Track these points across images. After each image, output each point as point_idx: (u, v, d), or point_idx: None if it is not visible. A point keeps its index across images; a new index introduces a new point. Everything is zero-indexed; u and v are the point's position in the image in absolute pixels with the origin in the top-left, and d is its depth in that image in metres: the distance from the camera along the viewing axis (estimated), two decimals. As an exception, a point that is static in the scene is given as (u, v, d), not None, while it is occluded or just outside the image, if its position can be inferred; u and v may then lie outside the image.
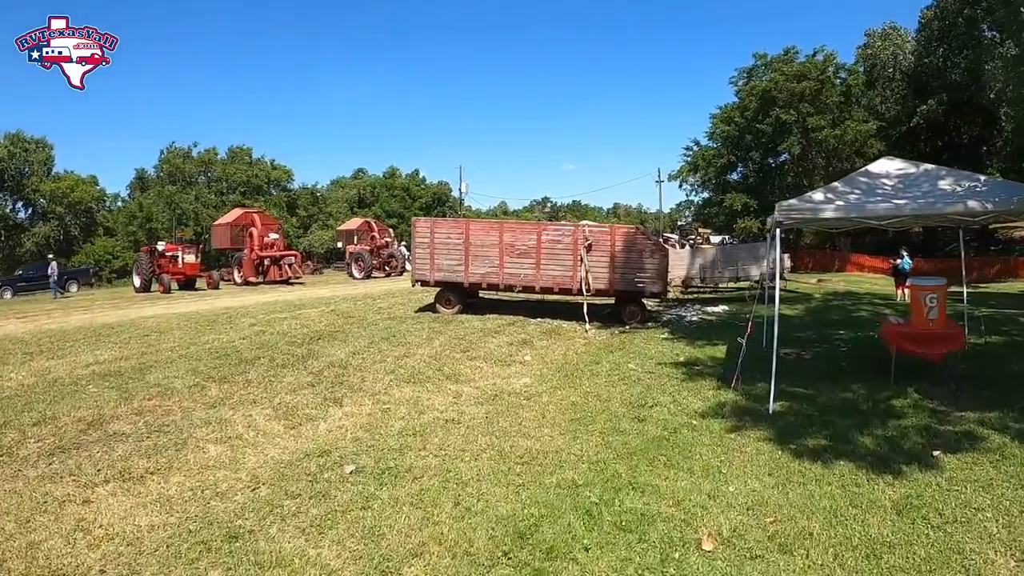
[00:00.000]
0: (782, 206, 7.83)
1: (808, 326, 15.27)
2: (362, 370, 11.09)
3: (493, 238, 16.70)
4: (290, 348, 12.78)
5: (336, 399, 9.16)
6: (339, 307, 19.52)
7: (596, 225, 16.73)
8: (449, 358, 11.90)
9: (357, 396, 9.35)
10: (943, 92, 38.69)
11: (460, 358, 11.96)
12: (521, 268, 16.53)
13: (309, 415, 8.45)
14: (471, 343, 13.28)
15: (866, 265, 41.23)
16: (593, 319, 16.31)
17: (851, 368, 10.49)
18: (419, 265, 17.61)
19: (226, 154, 72.36)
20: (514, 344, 13.34)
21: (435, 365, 11.33)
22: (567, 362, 11.58)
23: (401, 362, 11.57)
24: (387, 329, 14.88)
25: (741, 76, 45.77)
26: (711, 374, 10.04)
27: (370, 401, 9.13)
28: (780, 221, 7.84)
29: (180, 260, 31.35)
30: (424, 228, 17.47)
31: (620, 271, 15.87)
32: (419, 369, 11.03)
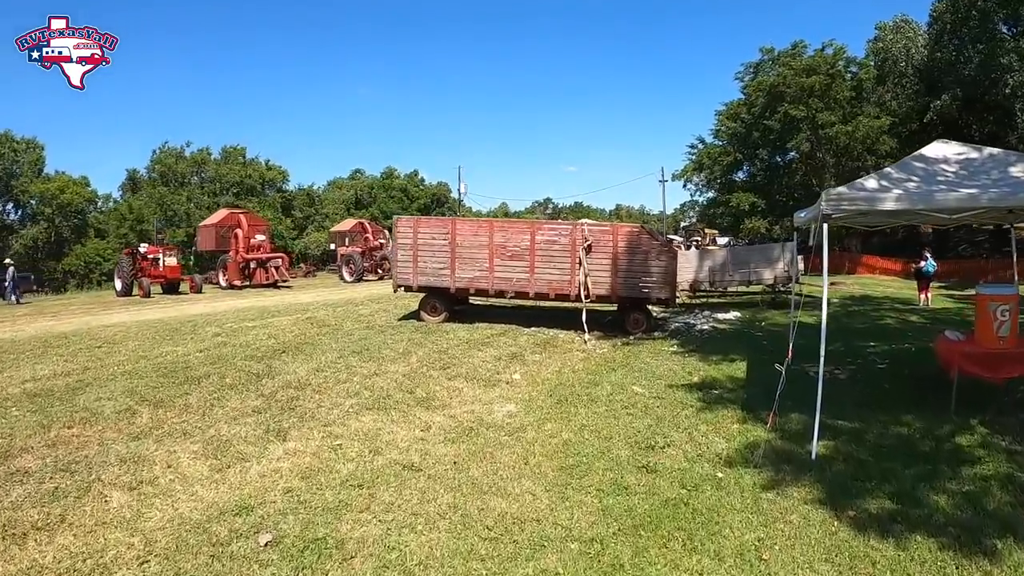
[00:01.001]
0: (830, 195, 6.20)
1: (832, 336, 13.54)
2: (321, 392, 9.58)
3: (482, 239, 15.10)
4: (247, 364, 11.27)
5: (281, 431, 7.65)
6: (316, 314, 18.02)
7: (596, 224, 15.13)
8: (425, 377, 10.34)
9: (307, 427, 7.83)
10: (957, 87, 37.09)
11: (438, 377, 10.39)
12: (513, 272, 14.93)
13: (243, 453, 6.94)
14: (453, 358, 11.71)
15: (877, 267, 39.68)
16: (593, 328, 14.71)
17: (895, 391, 8.94)
18: (401, 268, 16.02)
19: (220, 154, 71.16)
20: (502, 359, 11.75)
21: (407, 386, 9.78)
22: (562, 382, 9.95)
23: (369, 382, 10.02)
24: (362, 340, 13.36)
25: (747, 71, 44.10)
26: (732, 401, 8.39)
27: (320, 434, 7.58)
28: (828, 214, 6.21)
29: (161, 263, 29.92)
30: (406, 228, 15.88)
31: (623, 275, 14.27)
32: (387, 391, 9.49)
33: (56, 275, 63.40)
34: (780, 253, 20.17)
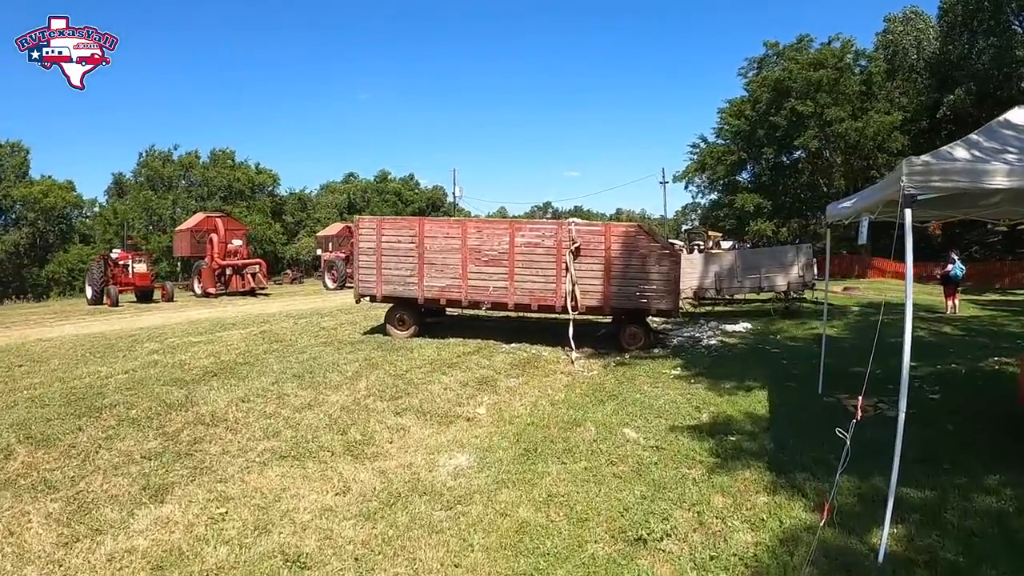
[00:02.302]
0: (914, 165, 4.14)
1: (863, 353, 11.55)
2: (235, 430, 7.74)
3: (454, 241, 13.08)
4: (166, 390, 9.43)
5: (163, 488, 5.98)
6: (274, 327, 16.11)
7: (586, 223, 13.04)
8: (367, 411, 8.42)
9: (196, 483, 6.11)
10: (971, 82, 35.19)
11: (384, 410, 8.45)
12: (490, 279, 12.91)
13: (103, 521, 5.40)
14: (410, 384, 9.74)
15: (888, 270, 37.63)
16: (583, 344, 12.73)
17: (963, 434, 6.96)
18: (363, 276, 14.01)
19: (208, 157, 69.28)
20: (469, 385, 9.76)
21: (342, 424, 7.88)
22: (535, 421, 7.89)
23: (296, 417, 8.13)
24: (311, 360, 11.42)
25: (751, 66, 42.27)
26: (755, 453, 6.31)
27: (207, 495, 5.83)
28: (912, 195, 4.18)
29: (130, 270, 28.18)
30: (369, 229, 13.86)
31: (618, 282, 12.25)
32: (315, 431, 7.61)
33: (40, 282, 61.75)
34: (794, 257, 18.12)
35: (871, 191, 5.48)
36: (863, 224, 5.86)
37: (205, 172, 67.06)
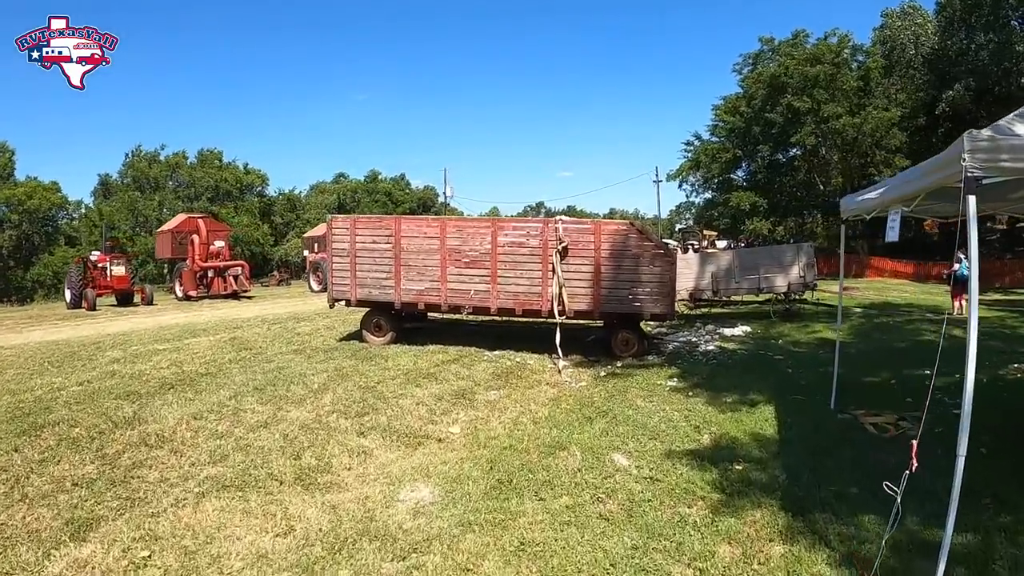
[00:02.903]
0: (978, 141, 3.28)
1: (873, 360, 10.77)
2: (180, 452, 6.91)
3: (432, 242, 12.18)
4: (116, 405, 8.60)
5: (89, 522, 5.28)
6: (245, 333, 15.18)
7: (574, 221, 12.12)
8: (330, 430, 7.56)
9: (126, 517, 5.37)
10: (969, 78, 34.45)
11: (347, 429, 7.58)
12: (471, 282, 12.01)
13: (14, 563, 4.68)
14: (380, 398, 8.87)
15: (886, 269, 36.93)
16: (572, 351, 11.87)
17: (998, 456, 6.11)
18: (337, 278, 13.12)
19: (196, 158, 68.18)
20: (444, 399, 8.87)
21: (298, 446, 7.00)
22: (513, 444, 6.99)
23: (249, 438, 7.27)
24: (276, 371, 10.51)
25: (746, 63, 41.43)
26: (766, 488, 5.40)
27: (133, 534, 5.05)
28: (976, 177, 3.31)
29: (108, 272, 27.27)
30: (342, 229, 12.96)
31: (608, 285, 11.37)
32: (267, 454, 6.76)
33: (25, 285, 60.60)
34: (795, 257, 17.26)
35: (906, 178, 4.63)
36: (894, 218, 5.01)
37: (192, 173, 65.96)
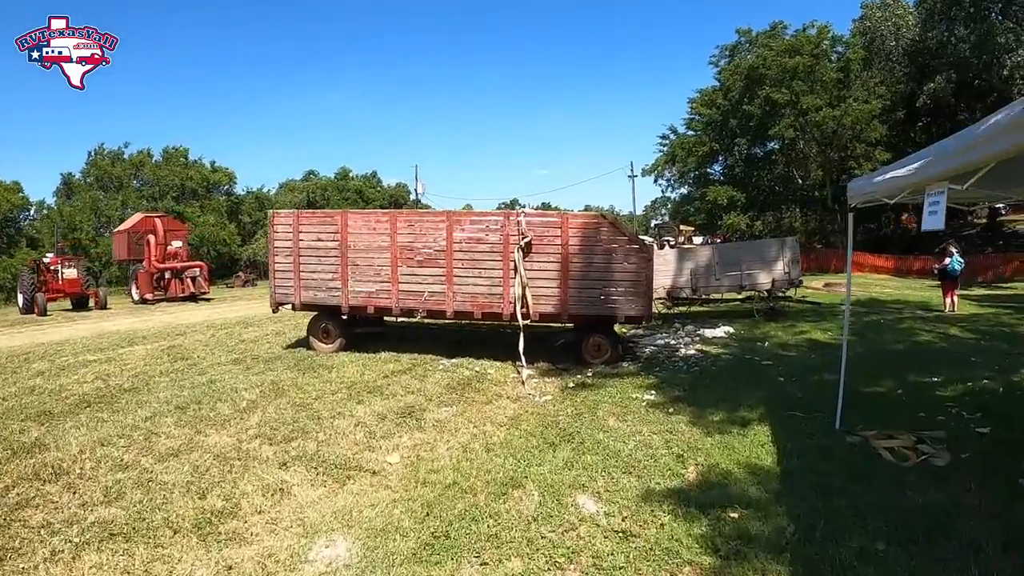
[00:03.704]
0: None
1: (872, 365, 9.64)
2: (75, 488, 5.83)
3: (382, 238, 10.90)
4: (23, 428, 7.70)
5: None
6: (187, 341, 14.04)
7: (538, 213, 10.83)
8: (248, 459, 6.39)
9: None
10: (951, 70, 33.78)
11: (269, 459, 6.38)
12: (425, 283, 10.75)
13: None
14: (315, 417, 7.71)
15: (867, 264, 36.16)
16: (539, 356, 10.69)
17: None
18: (280, 280, 11.82)
19: (161, 156, 65.91)
20: (388, 419, 7.65)
21: (208, 480, 5.86)
22: (459, 479, 5.72)
23: (156, 469, 6.17)
24: (207, 385, 9.41)
25: (723, 55, 40.44)
26: (770, 546, 4.14)
27: None
28: None
29: (60, 276, 25.87)
30: (285, 225, 11.66)
31: (577, 284, 10.16)
32: (170, 491, 5.64)
33: (-16, 288, 58.32)
34: (779, 252, 16.15)
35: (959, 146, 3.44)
36: (937, 200, 3.83)
37: (157, 171, 63.77)
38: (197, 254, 52.13)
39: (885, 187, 4.72)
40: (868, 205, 5.80)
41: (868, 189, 5.23)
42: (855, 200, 5.74)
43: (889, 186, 4.63)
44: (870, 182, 5.19)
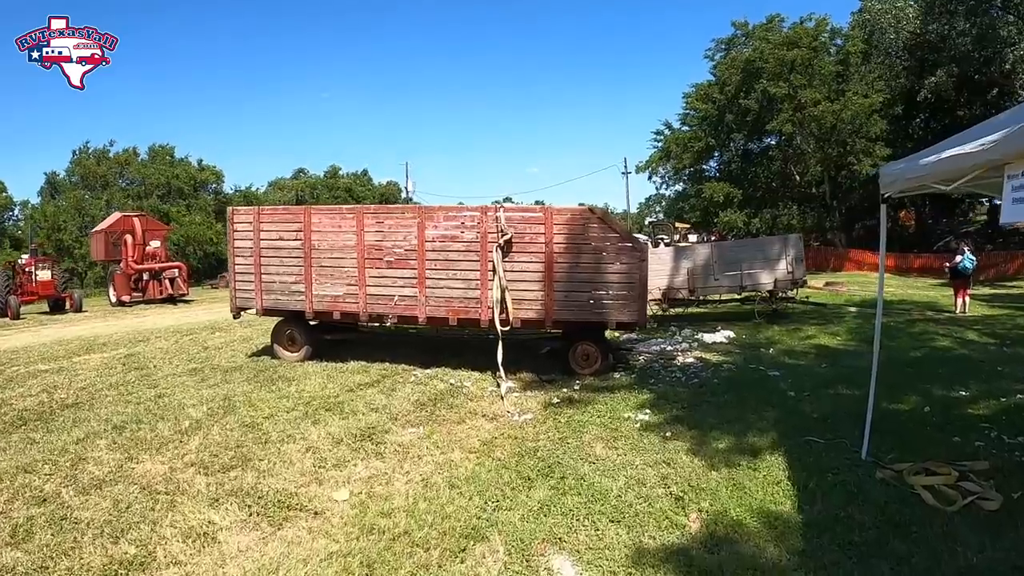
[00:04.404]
0: None
1: (891, 376, 8.60)
2: None
3: (348, 237, 9.88)
4: None
5: None
6: (147, 349, 13.06)
7: (519, 208, 9.72)
8: (177, 493, 5.52)
9: None
10: (952, 64, 32.89)
11: (201, 493, 5.51)
12: (394, 286, 9.73)
13: None
14: (262, 440, 6.77)
15: (866, 262, 35.32)
16: (524, 365, 9.71)
17: None
18: (240, 283, 10.83)
19: (147, 154, 64.75)
20: (344, 442, 6.71)
21: (126, 520, 5.01)
22: (411, 528, 4.70)
23: (75, 504, 5.37)
24: (154, 400, 8.54)
25: (718, 48, 39.41)
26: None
27: None
28: None
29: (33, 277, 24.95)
30: (245, 223, 10.66)
31: (563, 287, 9.14)
32: (81, 533, 4.85)
33: (-35, 290, 57.07)
34: (782, 250, 15.13)
35: None
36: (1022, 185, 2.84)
37: (143, 170, 62.62)
38: (183, 254, 51.16)
39: (944, 169, 3.69)
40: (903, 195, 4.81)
41: (914, 174, 4.20)
42: (891, 189, 4.75)
43: (950, 167, 3.60)
44: (916, 164, 4.18)
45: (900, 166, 4.62)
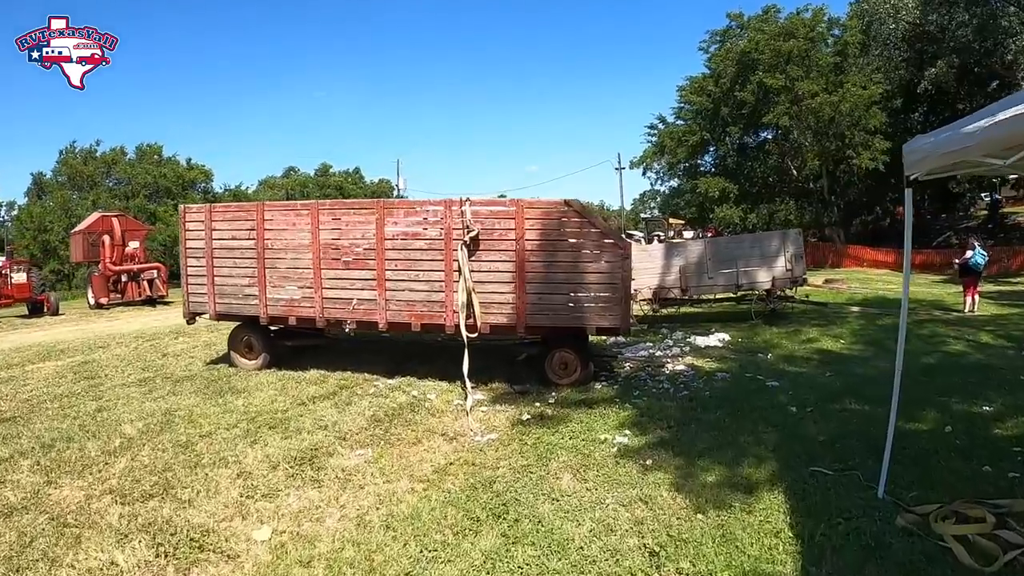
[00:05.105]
0: None
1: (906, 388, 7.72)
2: None
3: (303, 235, 8.98)
4: None
5: None
6: (103, 356, 12.27)
7: (487, 201, 8.74)
8: (86, 527, 4.84)
9: None
10: (952, 55, 32.06)
11: (111, 527, 4.82)
12: (353, 288, 8.83)
13: None
14: (192, 463, 6.03)
15: (865, 258, 34.46)
16: (497, 373, 8.88)
17: None
18: (193, 286, 9.97)
19: (134, 153, 63.80)
20: (281, 466, 5.92)
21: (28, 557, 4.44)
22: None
23: None
24: (92, 415, 7.79)
25: (713, 40, 38.44)
26: None
27: None
28: None
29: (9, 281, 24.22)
30: (196, 222, 9.79)
31: (537, 288, 8.23)
32: None
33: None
34: (780, 246, 14.21)
35: None
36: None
37: (129, 169, 61.68)
38: (170, 254, 50.22)
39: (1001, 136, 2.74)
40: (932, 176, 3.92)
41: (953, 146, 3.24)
42: (918, 168, 3.84)
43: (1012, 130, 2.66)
44: (956, 135, 3.22)
45: (930, 140, 3.70)
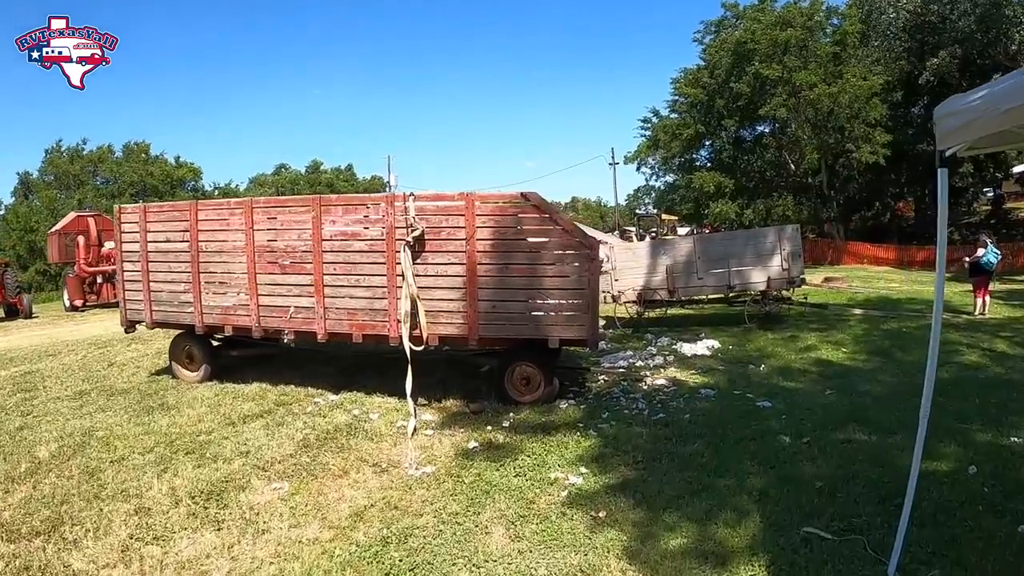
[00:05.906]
0: None
1: (907, 401, 6.75)
2: None
3: (237, 236, 8.04)
4: None
5: None
6: (49, 365, 11.64)
7: (434, 196, 7.58)
8: None
9: None
10: (953, 45, 31.14)
11: None
12: (290, 295, 7.89)
13: None
14: (91, 495, 5.35)
15: (866, 255, 33.54)
16: (450, 389, 7.93)
17: None
18: (130, 292, 9.11)
19: (122, 152, 62.96)
20: (183, 503, 5.15)
21: None
22: None
23: None
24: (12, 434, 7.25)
25: (708, 30, 37.44)
26: None
27: None
28: None
29: None
30: (131, 224, 8.91)
31: (491, 295, 7.25)
32: None
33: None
34: (776, 243, 13.15)
35: None
36: None
37: (115, 168, 60.89)
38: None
39: None
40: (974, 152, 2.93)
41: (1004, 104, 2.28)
42: (954, 139, 2.83)
43: None
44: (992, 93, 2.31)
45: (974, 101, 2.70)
